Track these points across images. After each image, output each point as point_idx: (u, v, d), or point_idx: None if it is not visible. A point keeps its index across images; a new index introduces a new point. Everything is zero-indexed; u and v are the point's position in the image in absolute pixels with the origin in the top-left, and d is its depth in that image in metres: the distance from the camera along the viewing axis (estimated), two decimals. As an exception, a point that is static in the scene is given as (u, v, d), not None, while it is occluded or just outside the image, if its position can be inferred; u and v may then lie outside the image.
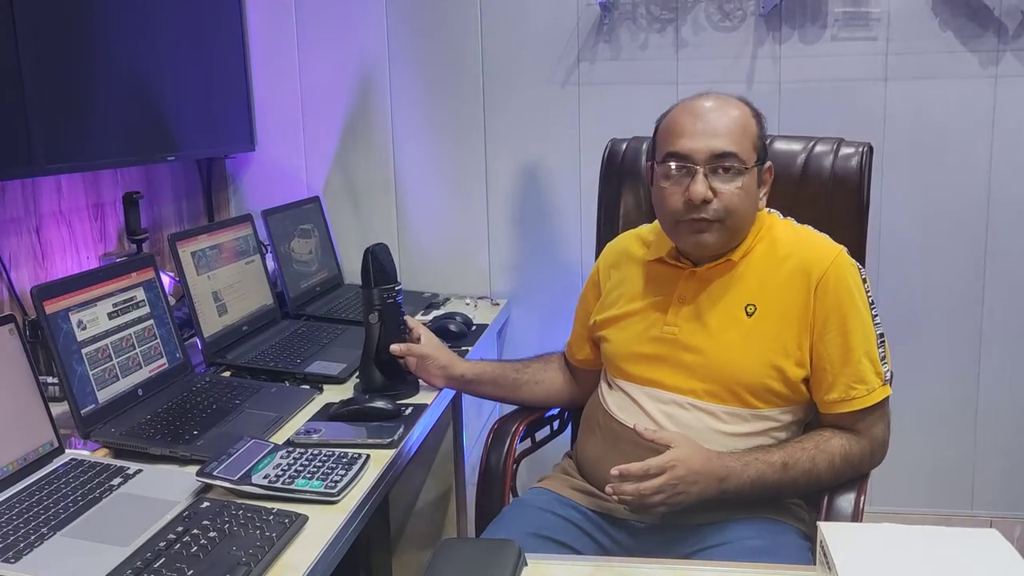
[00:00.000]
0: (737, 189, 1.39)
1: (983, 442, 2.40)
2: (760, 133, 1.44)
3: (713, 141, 1.38)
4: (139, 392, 1.57)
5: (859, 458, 1.40)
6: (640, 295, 1.53)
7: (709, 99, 1.44)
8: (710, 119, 1.40)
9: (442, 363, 1.68)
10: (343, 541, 1.20)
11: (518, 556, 1.10)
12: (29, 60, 1.64)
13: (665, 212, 1.45)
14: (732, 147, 1.38)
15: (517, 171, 2.48)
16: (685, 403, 1.43)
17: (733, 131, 1.40)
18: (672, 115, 1.45)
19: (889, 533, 1.06)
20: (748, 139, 1.41)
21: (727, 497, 1.34)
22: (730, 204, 1.39)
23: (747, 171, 1.40)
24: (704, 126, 1.39)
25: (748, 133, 1.41)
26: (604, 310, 1.58)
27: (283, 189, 2.54)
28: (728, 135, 1.39)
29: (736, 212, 1.40)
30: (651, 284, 1.52)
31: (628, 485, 1.30)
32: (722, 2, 2.31)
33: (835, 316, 1.39)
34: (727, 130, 1.39)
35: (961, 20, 2.23)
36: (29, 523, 1.16)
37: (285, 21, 2.50)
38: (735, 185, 1.39)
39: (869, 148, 1.71)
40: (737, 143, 1.39)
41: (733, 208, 1.39)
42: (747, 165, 1.39)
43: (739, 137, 1.40)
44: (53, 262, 1.93)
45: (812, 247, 1.45)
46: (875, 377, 1.40)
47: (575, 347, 1.69)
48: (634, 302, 1.53)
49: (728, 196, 1.39)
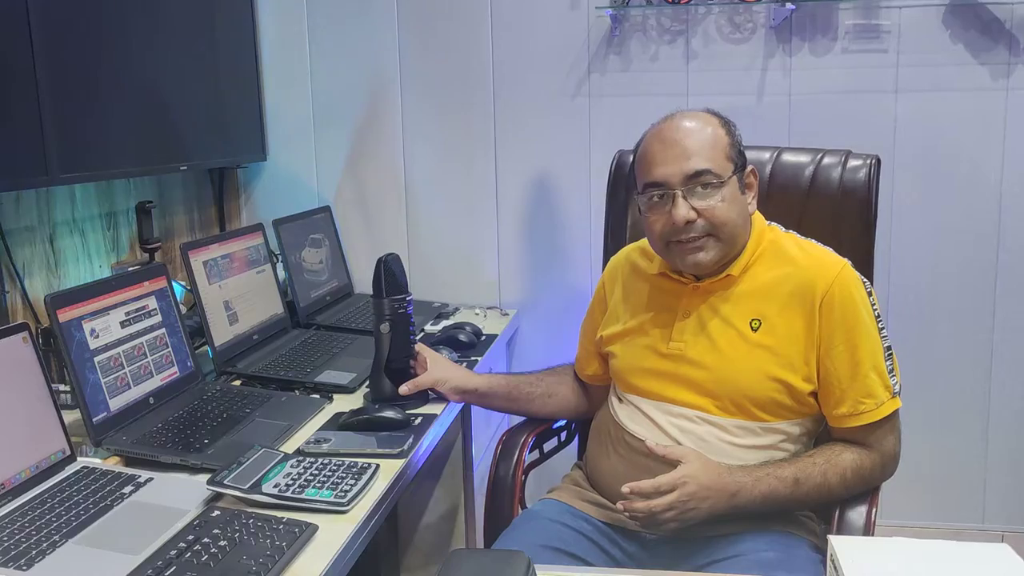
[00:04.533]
0: (719, 202, 1.40)
1: (994, 456, 2.39)
2: (732, 141, 1.44)
3: (685, 163, 1.39)
4: (150, 400, 1.58)
5: (870, 472, 1.40)
6: (645, 309, 1.53)
7: (675, 120, 1.44)
8: (678, 142, 1.41)
9: (454, 383, 1.68)
10: (353, 551, 1.20)
11: (527, 567, 1.10)
12: (45, 71, 1.65)
13: (655, 238, 1.46)
14: (704, 164, 1.39)
15: (527, 182, 2.49)
16: (695, 417, 1.43)
17: (703, 148, 1.40)
18: (643, 145, 1.47)
19: (900, 547, 1.06)
20: (719, 151, 1.41)
21: (738, 512, 1.34)
22: (715, 218, 1.40)
23: (725, 183, 1.40)
24: (673, 151, 1.41)
25: (719, 145, 1.42)
26: (610, 325, 1.59)
27: (294, 199, 2.55)
28: (698, 153, 1.40)
29: (725, 223, 1.40)
30: (656, 298, 1.53)
31: (639, 502, 1.31)
32: (732, 14, 2.32)
33: (841, 331, 1.39)
34: (697, 148, 1.40)
35: (972, 33, 2.23)
36: (41, 530, 1.16)
37: (297, 32, 2.52)
38: (716, 199, 1.39)
39: (877, 160, 1.71)
40: (708, 159, 1.40)
41: (720, 220, 1.40)
42: (723, 178, 1.40)
43: (710, 152, 1.40)
44: (66, 271, 1.95)
45: (816, 261, 1.44)
46: (883, 391, 1.39)
47: (584, 363, 1.69)
48: (639, 316, 1.54)
49: (711, 211, 1.39)
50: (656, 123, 1.47)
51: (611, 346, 1.57)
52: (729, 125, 1.46)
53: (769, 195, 1.69)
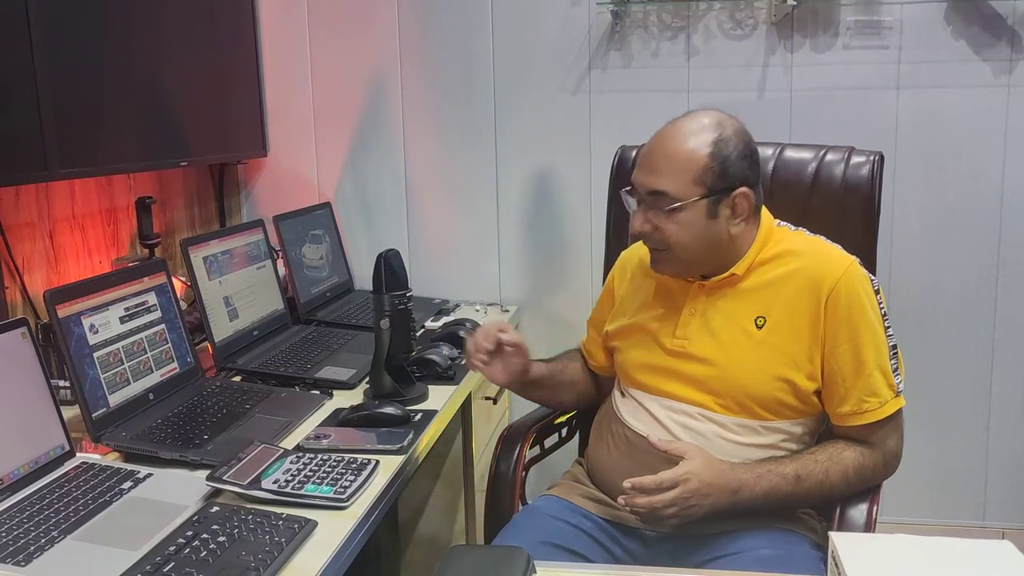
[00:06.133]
0: (671, 225, 1.39)
1: (995, 453, 2.39)
2: (711, 165, 1.36)
3: (648, 177, 1.40)
4: (150, 396, 1.57)
5: (872, 470, 1.40)
6: (651, 305, 1.53)
7: (672, 126, 1.42)
8: (654, 153, 1.41)
9: (524, 364, 1.57)
10: (352, 547, 1.20)
11: (527, 563, 1.10)
12: (44, 66, 1.65)
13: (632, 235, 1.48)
14: (663, 185, 1.38)
15: (528, 178, 2.48)
16: (696, 414, 1.42)
17: (670, 168, 1.38)
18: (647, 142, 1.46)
19: (901, 544, 1.06)
20: (687, 175, 1.36)
21: (739, 509, 1.34)
22: (667, 238, 1.40)
23: (684, 207, 1.37)
24: (648, 161, 1.41)
25: (690, 168, 1.36)
26: (616, 319, 1.59)
27: (294, 195, 2.55)
28: (662, 172, 1.38)
29: (677, 245, 1.40)
30: (662, 295, 1.52)
31: (641, 498, 1.31)
32: (734, 10, 2.31)
33: (846, 329, 1.38)
34: (663, 166, 1.38)
35: (974, 29, 2.22)
36: (39, 526, 1.16)
37: (298, 28, 2.52)
38: (671, 221, 1.39)
39: (880, 157, 1.70)
40: (670, 181, 1.37)
41: (672, 242, 1.40)
42: (681, 201, 1.37)
43: (675, 174, 1.37)
44: (66, 266, 1.94)
45: (823, 258, 1.43)
46: (887, 390, 1.39)
47: (593, 353, 1.68)
48: (645, 312, 1.53)
49: (663, 232, 1.40)
50: (671, 120, 1.44)
51: (616, 340, 1.57)
52: (722, 144, 1.37)
53: (772, 192, 1.68)
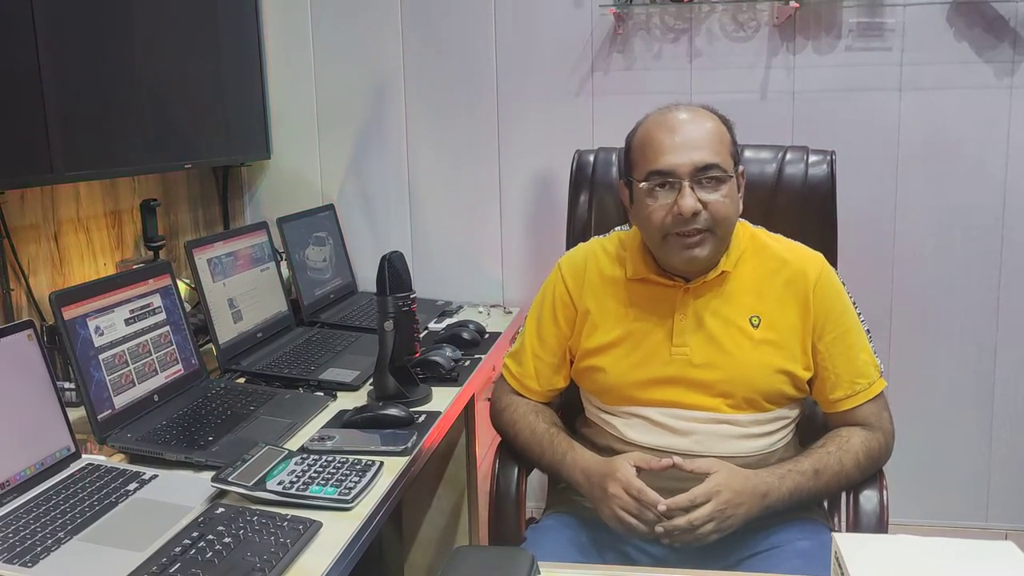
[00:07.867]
0: (723, 197, 1.39)
1: (998, 453, 2.38)
2: (733, 139, 1.44)
3: (695, 154, 1.38)
4: (155, 398, 1.58)
5: (879, 450, 1.45)
6: (629, 317, 1.48)
7: (680, 112, 1.43)
8: (688, 132, 1.40)
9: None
10: (357, 548, 1.20)
11: (531, 564, 1.10)
12: (49, 69, 1.65)
13: (652, 229, 1.42)
14: (714, 158, 1.38)
15: (530, 180, 2.49)
16: (709, 418, 1.43)
17: (712, 141, 1.40)
18: (646, 132, 1.44)
19: (904, 545, 1.06)
20: (725, 147, 1.41)
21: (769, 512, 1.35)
22: (718, 213, 1.39)
23: (730, 179, 1.40)
24: (683, 140, 1.39)
25: (724, 141, 1.42)
26: (588, 337, 1.50)
27: (298, 197, 2.55)
28: (708, 146, 1.39)
29: (725, 220, 1.41)
30: (641, 304, 1.48)
31: (679, 519, 1.30)
32: (736, 12, 2.32)
33: (832, 317, 1.44)
34: (707, 141, 1.39)
35: (976, 31, 2.23)
36: (46, 527, 1.17)
37: (301, 30, 2.52)
38: (721, 194, 1.39)
39: (833, 155, 1.75)
40: (717, 153, 1.39)
41: (722, 216, 1.39)
42: (729, 173, 1.40)
43: (718, 147, 1.40)
44: (71, 268, 1.95)
45: (799, 254, 1.49)
46: (873, 370, 1.46)
47: (550, 378, 1.56)
48: (624, 325, 1.48)
49: (716, 205, 1.38)
50: (654, 112, 1.46)
51: (593, 359, 1.49)
52: (728, 123, 1.46)
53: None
